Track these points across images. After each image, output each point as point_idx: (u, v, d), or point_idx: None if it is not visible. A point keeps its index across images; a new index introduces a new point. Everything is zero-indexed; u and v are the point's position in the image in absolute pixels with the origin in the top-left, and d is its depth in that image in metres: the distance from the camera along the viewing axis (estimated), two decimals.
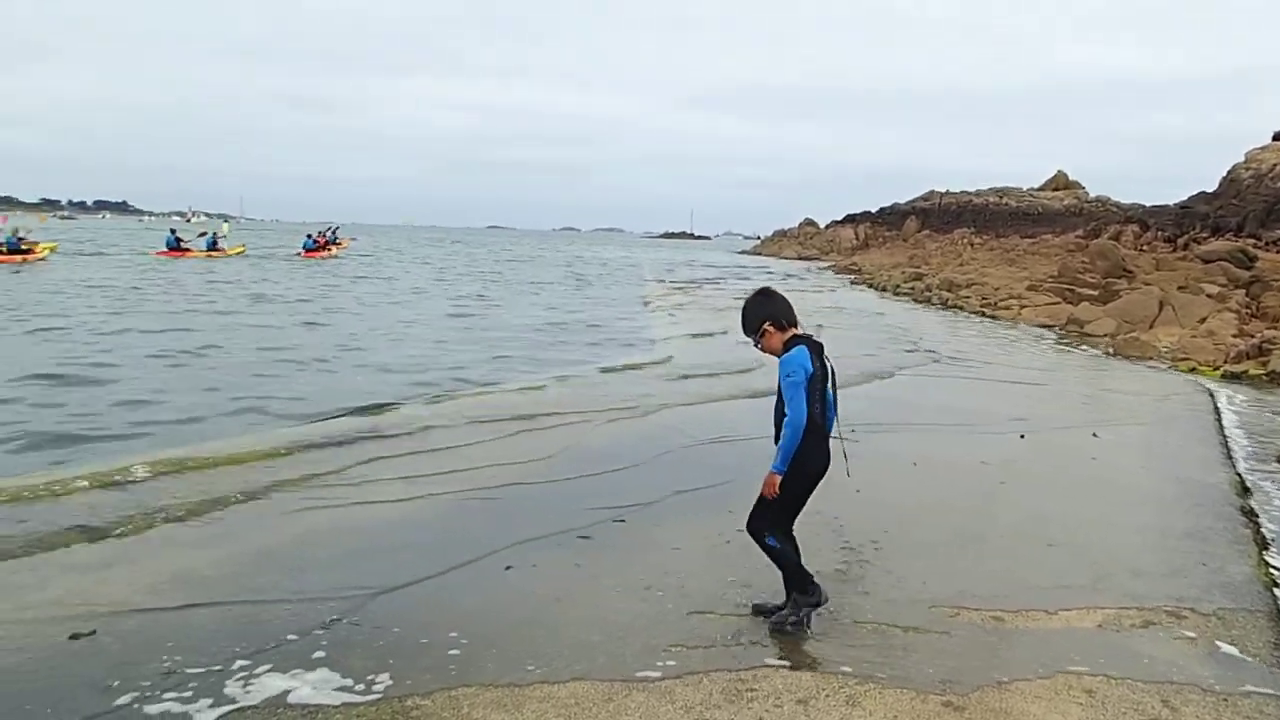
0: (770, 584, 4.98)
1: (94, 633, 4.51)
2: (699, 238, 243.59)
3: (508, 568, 5.57)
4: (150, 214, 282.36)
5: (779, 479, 4.53)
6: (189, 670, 4.15)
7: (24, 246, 37.17)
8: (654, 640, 4.57)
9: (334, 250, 56.15)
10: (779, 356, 4.64)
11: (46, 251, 39.76)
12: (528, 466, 8.06)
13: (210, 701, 3.89)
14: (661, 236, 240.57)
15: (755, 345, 4.77)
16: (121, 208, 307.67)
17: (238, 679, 4.08)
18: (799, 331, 4.72)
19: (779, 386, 4.60)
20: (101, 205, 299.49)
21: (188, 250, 47.18)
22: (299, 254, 53.27)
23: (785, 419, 4.52)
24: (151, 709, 3.82)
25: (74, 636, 4.46)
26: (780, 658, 4.42)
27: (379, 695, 3.97)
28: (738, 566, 5.63)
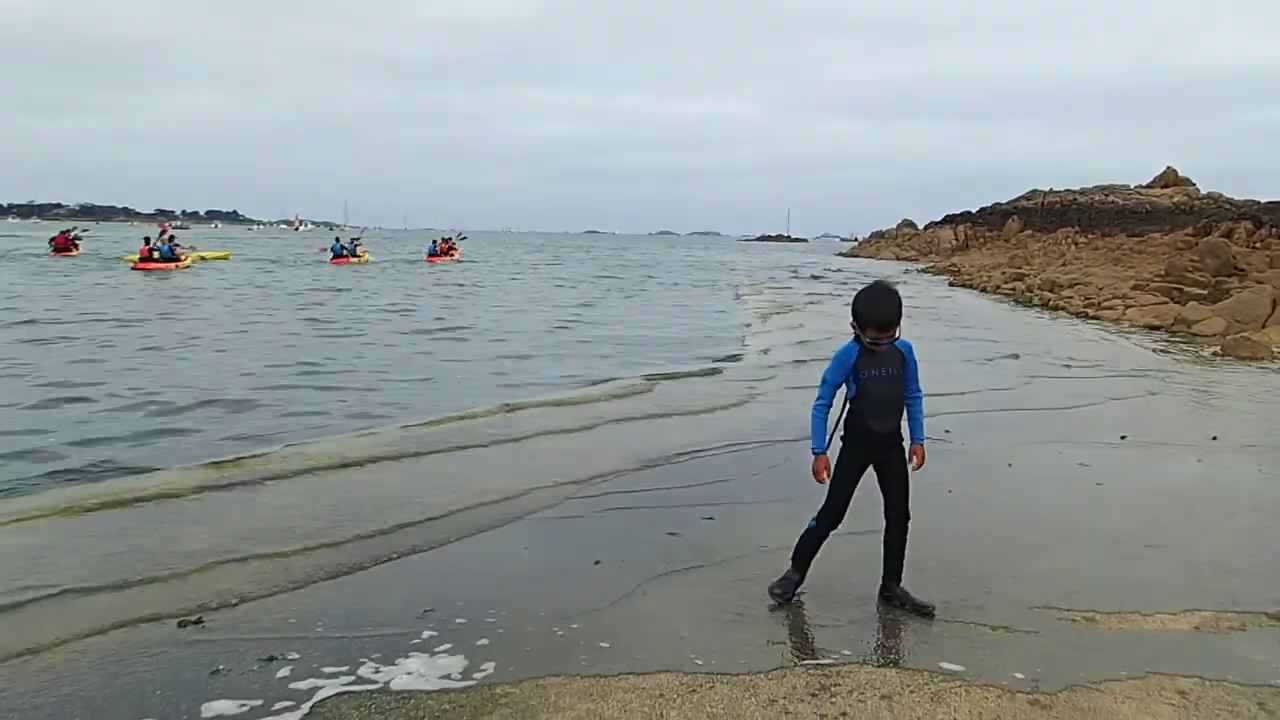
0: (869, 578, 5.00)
1: (200, 621, 4.75)
2: (796, 240, 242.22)
3: (597, 562, 5.69)
4: (259, 222, 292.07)
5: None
6: (290, 656, 4.35)
7: (178, 254, 40.02)
8: (740, 635, 4.65)
9: (456, 255, 58.21)
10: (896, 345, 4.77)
11: (192, 261, 43.04)
12: (623, 463, 8.19)
13: (310, 686, 4.08)
14: (758, 239, 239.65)
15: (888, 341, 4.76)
16: (232, 217, 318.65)
17: (338, 666, 4.27)
18: None
19: (910, 372, 4.83)
20: (213, 214, 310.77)
21: (350, 258, 49.78)
22: (424, 259, 55.98)
23: (918, 397, 4.92)
24: (254, 694, 4.01)
25: (182, 624, 4.71)
26: (866, 654, 4.45)
27: (471, 683, 4.12)
28: (824, 565, 5.65)
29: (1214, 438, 9.73)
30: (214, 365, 14.07)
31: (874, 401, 4.79)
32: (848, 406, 4.84)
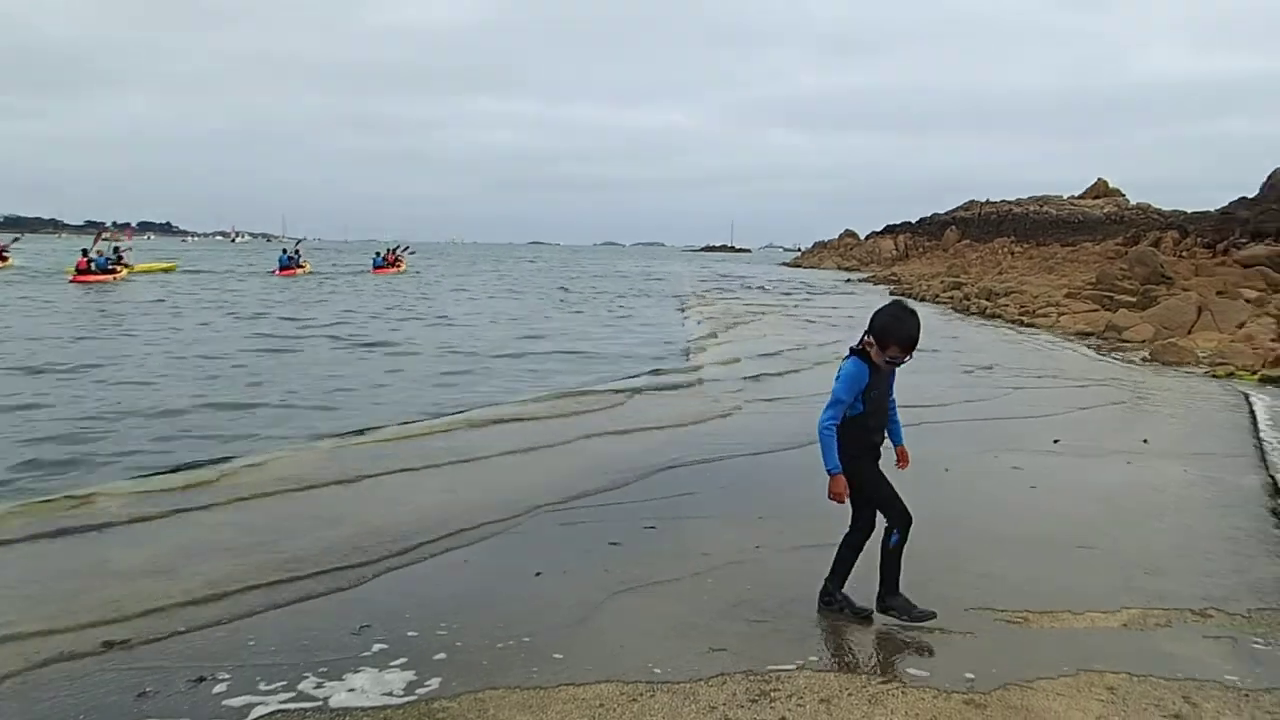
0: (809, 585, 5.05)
1: (127, 643, 4.66)
2: (740, 250, 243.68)
3: (538, 574, 5.68)
4: (194, 234, 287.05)
5: None
6: (222, 676, 4.28)
7: (110, 266, 39.85)
8: (681, 643, 4.66)
9: (401, 267, 58.20)
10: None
11: (126, 272, 42.68)
12: (554, 471, 8.18)
13: (245, 704, 4.02)
14: (702, 250, 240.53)
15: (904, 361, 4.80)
16: (165, 228, 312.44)
17: (276, 684, 4.21)
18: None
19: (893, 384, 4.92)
20: (146, 226, 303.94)
21: (297, 269, 50.25)
22: (369, 270, 55.75)
23: (895, 403, 5.00)
24: (183, 715, 3.93)
25: (107, 646, 4.61)
26: (805, 659, 4.49)
27: (411, 699, 4.08)
28: (765, 571, 5.74)
29: (1144, 441, 9.98)
30: (151, 381, 13.79)
31: (876, 416, 4.86)
32: (851, 424, 4.79)
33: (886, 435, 5.02)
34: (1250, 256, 28.08)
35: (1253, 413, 11.97)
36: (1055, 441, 9.86)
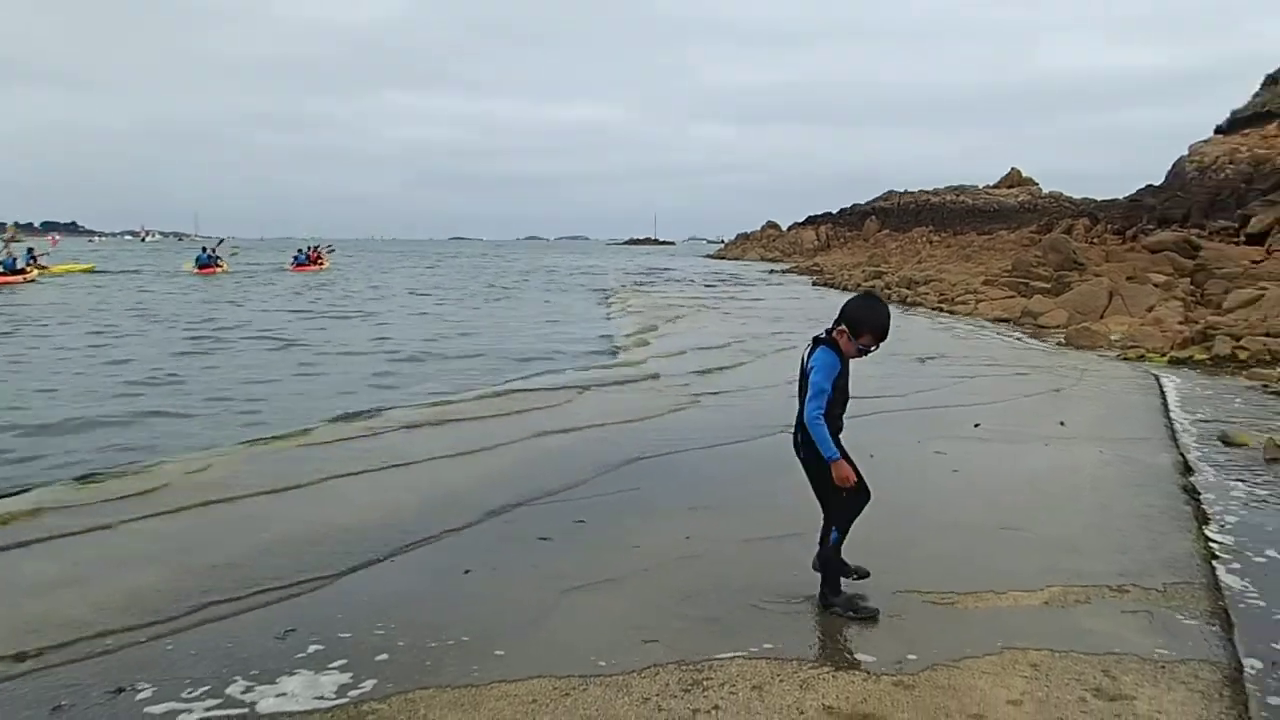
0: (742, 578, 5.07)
1: (42, 653, 4.50)
2: (664, 243, 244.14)
3: (466, 571, 5.63)
4: (101, 234, 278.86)
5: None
6: (141, 686, 4.16)
7: (21, 267, 38.62)
8: (611, 636, 4.66)
9: (324, 264, 57.51)
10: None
11: (37, 274, 41.38)
12: (489, 471, 8.12)
13: (165, 712, 3.92)
14: (626, 243, 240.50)
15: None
16: (71, 228, 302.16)
17: (195, 692, 4.11)
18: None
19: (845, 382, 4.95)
20: (50, 226, 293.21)
21: (216, 267, 49.63)
22: (288, 268, 55.22)
23: None
24: None
25: (19, 659, 4.45)
26: (736, 647, 4.51)
27: (339, 702, 4.01)
28: (696, 562, 5.76)
29: (1061, 423, 10.23)
30: (62, 387, 13.38)
31: (842, 404, 4.96)
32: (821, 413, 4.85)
33: None
34: (1157, 242, 28.97)
35: (1163, 394, 12.36)
36: (976, 426, 10.07)
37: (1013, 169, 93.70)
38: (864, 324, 4.82)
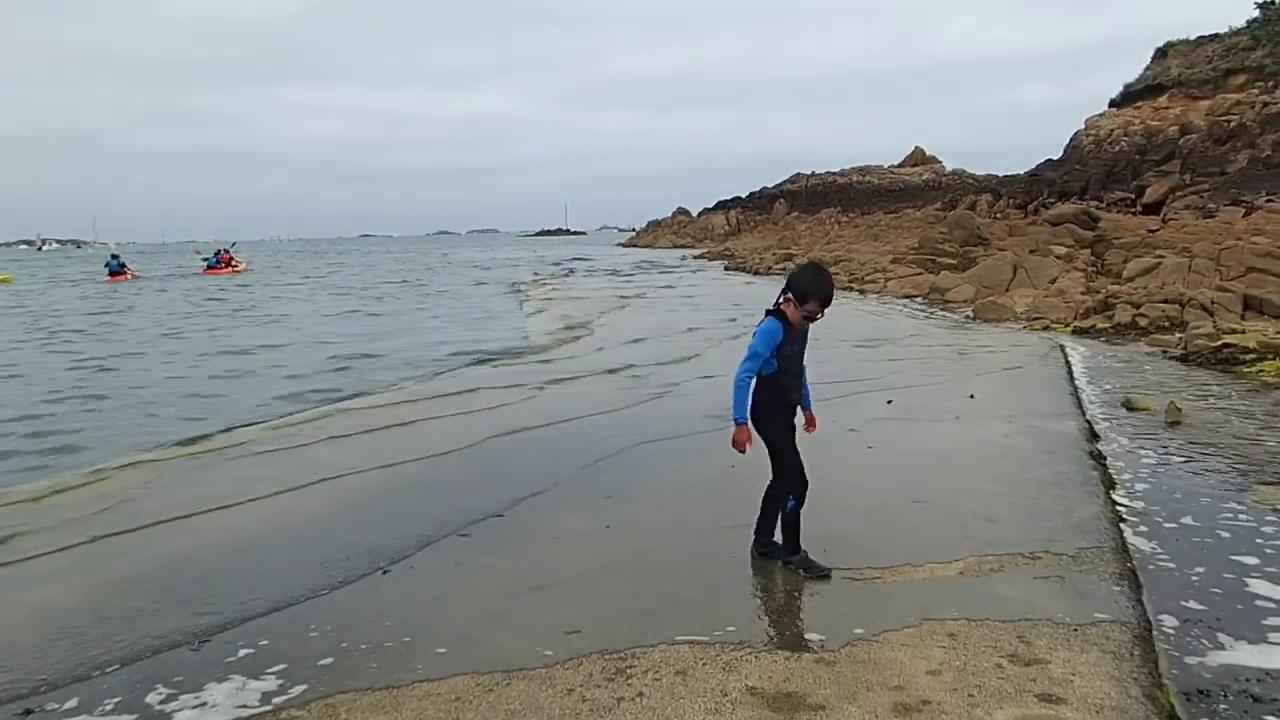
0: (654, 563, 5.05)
1: None
2: (575, 233, 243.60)
3: (384, 571, 5.52)
4: None
5: None
6: (51, 706, 4.01)
7: None
8: (535, 629, 4.61)
9: (240, 267, 56.31)
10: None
11: None
12: (400, 467, 8.00)
13: None
14: (538, 234, 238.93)
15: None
16: None
17: (110, 705, 3.97)
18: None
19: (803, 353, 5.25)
20: None
21: (125, 273, 48.87)
22: (200, 271, 54.14)
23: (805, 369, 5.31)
24: None
25: None
26: (660, 634, 4.49)
27: (261, 709, 3.91)
28: (618, 552, 5.74)
29: (971, 396, 10.44)
30: None
31: (792, 375, 5.16)
32: (768, 381, 5.12)
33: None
34: (1058, 215, 29.77)
35: (1068, 363, 12.70)
36: (888, 403, 10.21)
37: (916, 148, 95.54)
38: (808, 291, 5.02)
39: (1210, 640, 4.33)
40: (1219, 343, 12.88)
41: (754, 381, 5.09)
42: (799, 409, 5.34)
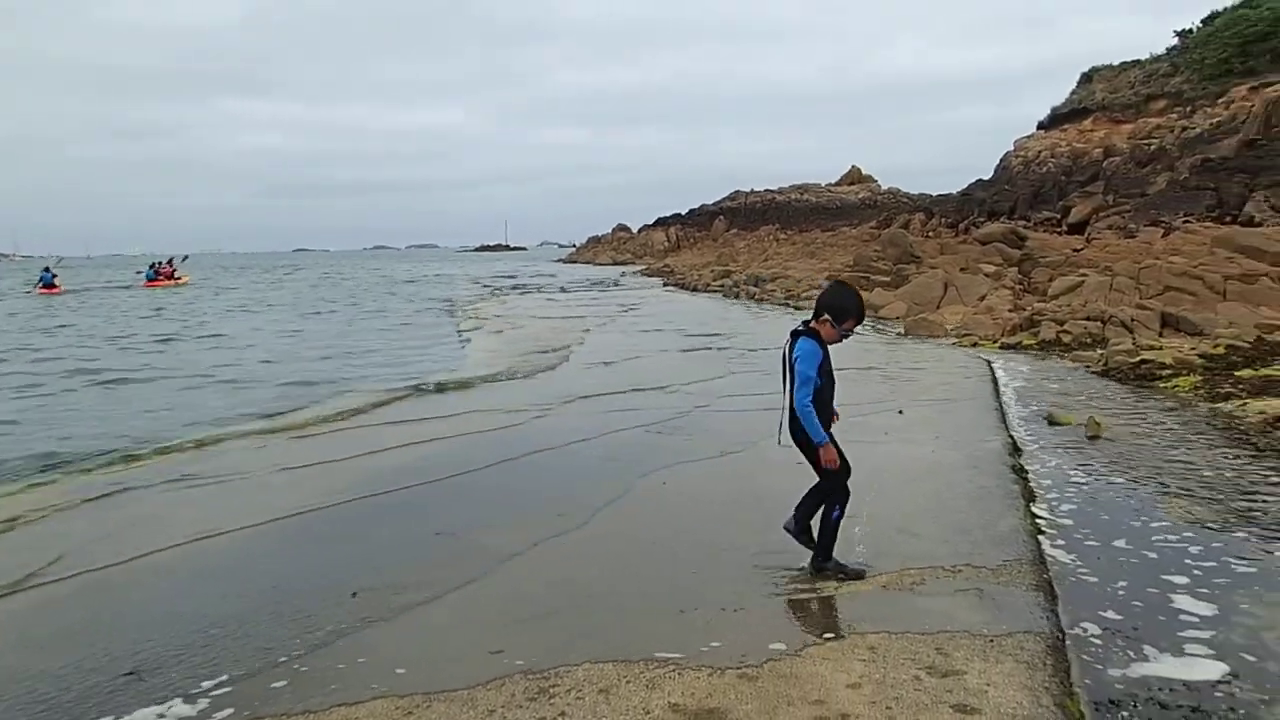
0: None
1: None
2: (516, 249, 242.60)
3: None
4: None
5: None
6: None
7: None
8: (457, 650, 4.58)
9: (183, 280, 55.71)
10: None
11: None
12: (321, 487, 7.90)
13: None
14: (477, 250, 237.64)
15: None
16: None
17: None
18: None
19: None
20: None
21: (58, 286, 49.27)
22: (142, 284, 53.79)
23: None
24: None
25: None
26: (583, 653, 4.48)
27: None
28: (543, 569, 5.72)
29: (900, 411, 10.58)
30: None
31: (831, 390, 5.39)
32: (815, 399, 5.24)
33: None
34: (987, 234, 30.35)
35: (994, 379, 12.95)
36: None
37: (853, 166, 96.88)
38: (849, 311, 5.27)
39: (1124, 650, 4.43)
40: (1138, 359, 13.24)
41: (810, 403, 5.22)
42: None
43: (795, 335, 5.32)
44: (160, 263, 57.84)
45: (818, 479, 5.46)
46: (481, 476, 8.24)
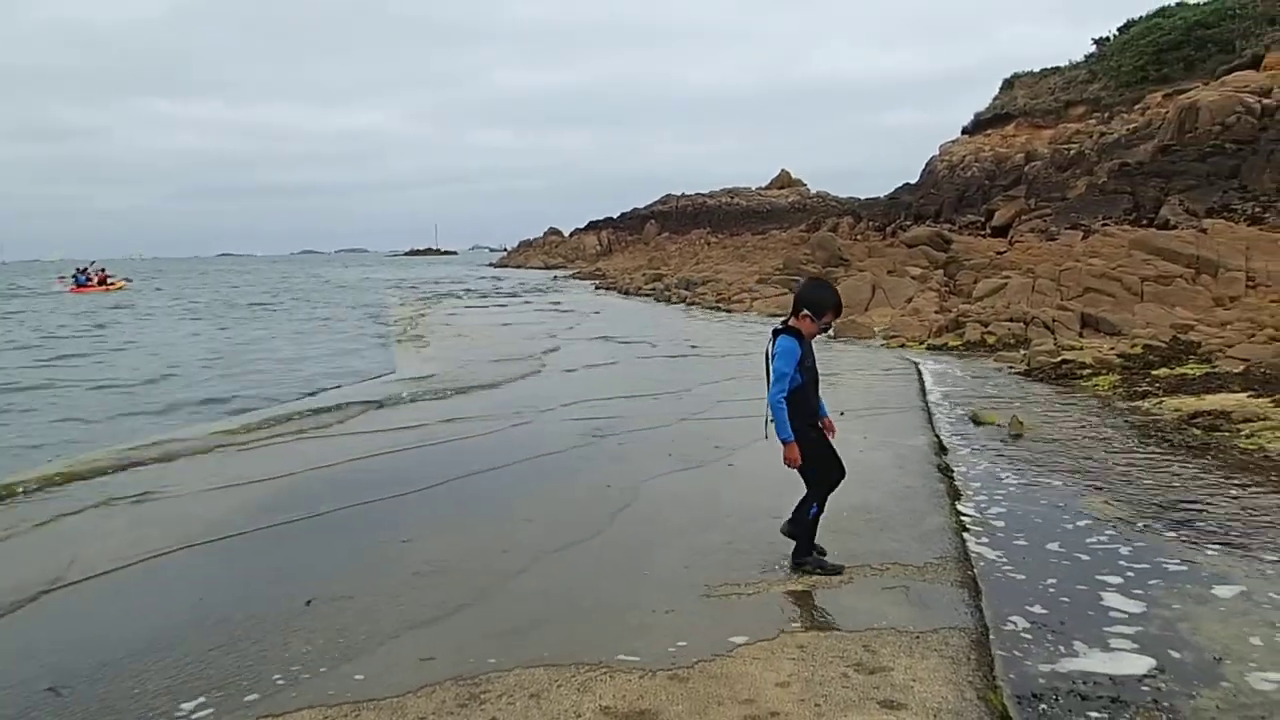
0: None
1: None
2: (445, 253, 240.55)
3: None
4: None
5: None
6: None
7: None
8: (388, 657, 4.53)
9: (118, 285, 54.38)
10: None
11: None
12: (248, 497, 7.77)
13: None
14: (408, 254, 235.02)
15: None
16: None
17: None
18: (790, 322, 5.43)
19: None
20: None
21: None
22: (67, 290, 52.31)
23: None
24: None
25: None
26: (512, 658, 4.46)
27: None
28: (471, 575, 5.69)
29: (841, 413, 10.67)
30: None
31: (813, 384, 5.43)
32: (794, 396, 5.30)
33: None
34: (913, 237, 30.87)
35: (921, 379, 13.17)
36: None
37: (783, 170, 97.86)
38: (826, 304, 5.36)
39: (1051, 646, 4.54)
40: (1059, 359, 13.57)
41: (784, 399, 5.27)
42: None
43: (775, 334, 5.40)
44: (86, 267, 56.35)
45: (808, 482, 5.54)
46: (417, 490, 8.16)
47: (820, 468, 5.48)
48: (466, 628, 4.88)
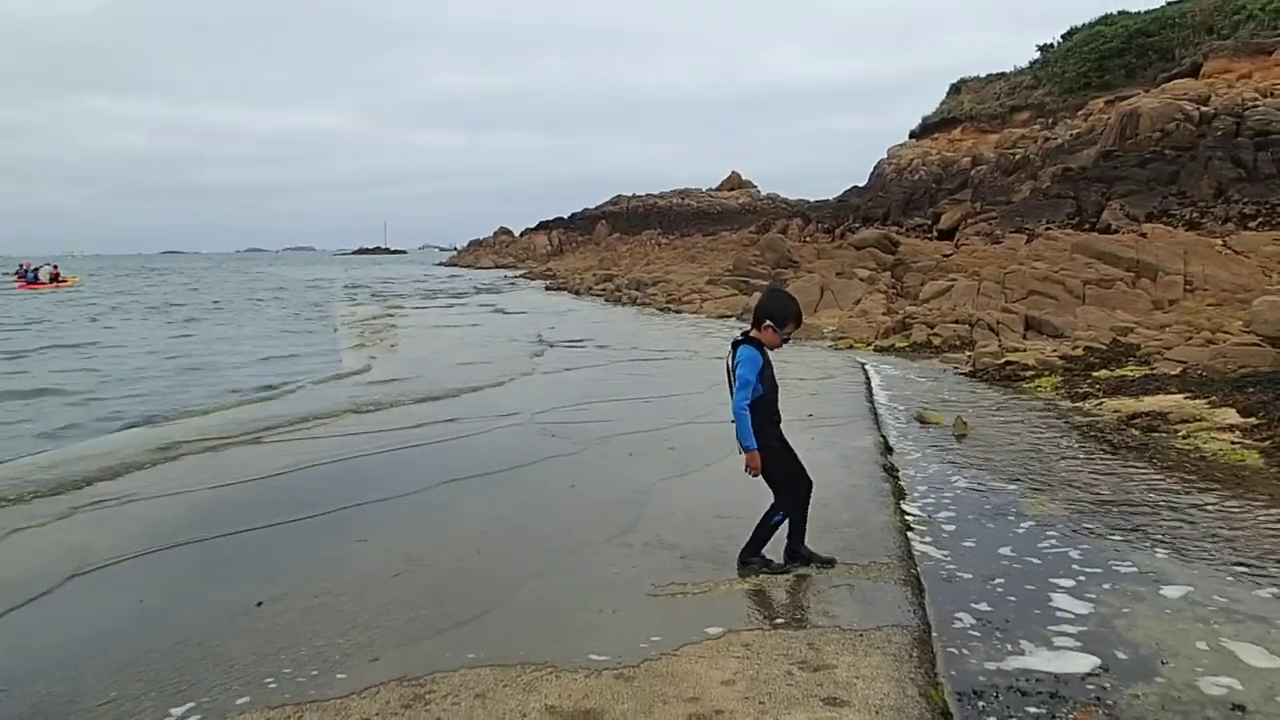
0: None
1: None
2: (395, 252, 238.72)
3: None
4: None
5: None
6: None
7: None
8: (331, 659, 4.48)
9: (71, 282, 53.77)
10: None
11: None
12: (194, 502, 7.66)
13: None
14: (355, 253, 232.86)
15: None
16: None
17: None
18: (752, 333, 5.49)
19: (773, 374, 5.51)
20: None
21: None
22: (17, 286, 51.33)
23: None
24: None
25: None
26: (457, 659, 4.44)
27: None
28: (417, 576, 5.66)
29: (809, 415, 10.74)
30: None
31: (775, 393, 5.51)
32: (757, 405, 5.35)
33: None
34: (862, 240, 31.18)
35: (868, 380, 13.30)
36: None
37: (733, 172, 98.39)
38: (788, 314, 5.46)
39: (994, 644, 4.63)
40: (1003, 361, 13.79)
41: (747, 407, 5.31)
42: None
43: (735, 345, 5.46)
44: (29, 263, 55.64)
45: (775, 491, 5.59)
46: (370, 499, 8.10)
47: (786, 479, 5.53)
48: (412, 629, 4.85)
